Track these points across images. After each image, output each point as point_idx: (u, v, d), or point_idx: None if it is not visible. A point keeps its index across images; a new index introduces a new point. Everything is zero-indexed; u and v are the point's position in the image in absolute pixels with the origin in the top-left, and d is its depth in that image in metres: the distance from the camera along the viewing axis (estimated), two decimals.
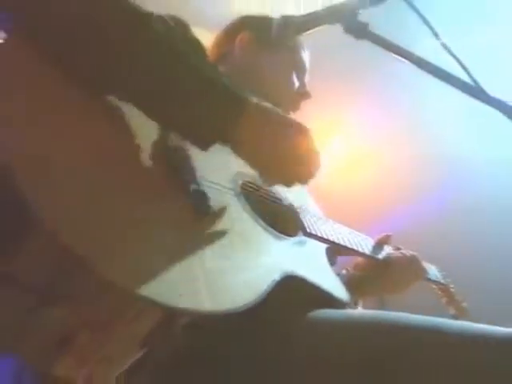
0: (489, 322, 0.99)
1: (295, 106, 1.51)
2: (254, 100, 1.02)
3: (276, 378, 0.97)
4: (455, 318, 1.63)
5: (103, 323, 0.83)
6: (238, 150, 1.02)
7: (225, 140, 1.00)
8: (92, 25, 0.92)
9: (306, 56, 1.55)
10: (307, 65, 1.56)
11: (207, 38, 1.47)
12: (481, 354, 0.91)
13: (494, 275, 2.38)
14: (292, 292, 1.06)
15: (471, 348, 0.92)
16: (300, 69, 1.53)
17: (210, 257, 0.95)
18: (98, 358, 0.85)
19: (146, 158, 0.98)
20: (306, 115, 1.53)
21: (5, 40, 0.91)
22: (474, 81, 1.03)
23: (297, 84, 1.52)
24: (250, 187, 1.24)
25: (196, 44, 1.28)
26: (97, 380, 0.86)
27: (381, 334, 0.98)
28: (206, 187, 1.05)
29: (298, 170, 1.07)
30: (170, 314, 0.84)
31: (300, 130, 1.07)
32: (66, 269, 0.79)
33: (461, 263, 1.81)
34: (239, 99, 0.99)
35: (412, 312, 1.03)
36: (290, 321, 1.05)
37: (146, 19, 0.96)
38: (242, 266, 1.01)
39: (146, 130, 1.00)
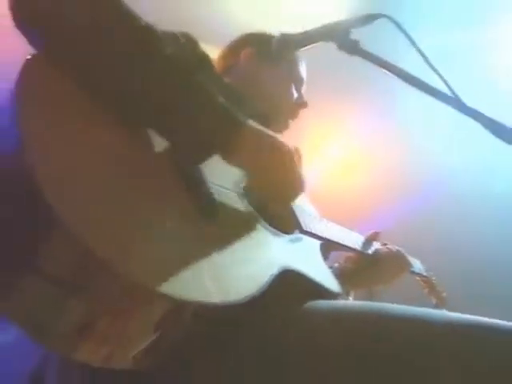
0: (467, 311, 0.97)
1: (294, 115, 1.51)
2: (250, 122, 1.03)
3: (273, 361, 0.97)
4: (437, 306, 1.65)
5: (121, 311, 0.83)
6: (233, 163, 1.03)
7: (221, 155, 1.01)
8: (111, 47, 0.93)
9: (303, 69, 1.55)
10: (304, 77, 1.56)
11: (214, 52, 1.48)
12: (459, 341, 0.89)
13: (470, 268, 2.40)
14: (289, 284, 1.07)
15: (451, 335, 0.90)
16: (298, 81, 1.53)
17: (216, 254, 0.95)
18: (117, 340, 0.86)
19: (159, 164, 0.98)
20: (304, 123, 1.55)
21: (32, 56, 0.92)
22: (453, 92, 1.04)
23: (295, 94, 1.52)
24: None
25: (204, 57, 1.28)
26: (115, 360, 0.87)
27: (366, 324, 0.97)
28: (213, 189, 1.06)
29: (283, 190, 1.09)
30: (181, 304, 0.85)
31: (288, 153, 1.07)
32: (86, 265, 0.79)
33: (441, 257, 1.82)
34: (236, 121, 1.00)
35: (398, 302, 1.02)
36: (287, 310, 1.05)
37: (156, 41, 0.97)
38: (245, 261, 1.01)
39: (158, 138, 1.01)
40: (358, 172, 2.81)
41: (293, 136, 1.48)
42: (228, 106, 1.00)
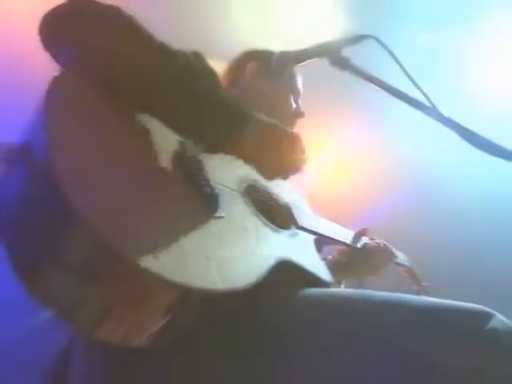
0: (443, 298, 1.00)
1: (292, 123, 1.52)
2: (259, 115, 1.07)
3: (273, 338, 0.99)
4: (418, 293, 1.65)
5: (133, 298, 0.84)
6: (244, 152, 1.07)
7: (233, 144, 1.05)
8: (135, 62, 0.96)
9: (299, 82, 1.56)
10: (301, 89, 1.56)
11: (219, 67, 1.49)
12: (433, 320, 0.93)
13: (448, 260, 2.42)
14: (286, 273, 1.07)
15: (426, 315, 0.94)
16: (295, 93, 1.53)
17: (221, 246, 0.97)
18: (130, 324, 0.87)
19: (168, 166, 0.99)
20: (301, 131, 1.55)
21: (61, 72, 0.94)
22: (432, 104, 1.04)
23: (293, 105, 1.52)
24: (253, 189, 1.24)
25: (211, 72, 1.29)
26: (131, 340, 0.88)
27: (351, 310, 0.99)
28: (217, 189, 1.06)
29: (290, 163, 1.12)
30: (189, 291, 0.86)
31: (293, 136, 1.12)
32: (103, 257, 0.80)
33: (422, 251, 1.83)
34: (247, 114, 1.06)
35: (385, 290, 1.04)
36: (283, 297, 1.06)
37: (173, 55, 1.00)
38: (246, 254, 1.02)
39: (168, 143, 1.02)
40: (349, 175, 2.82)
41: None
42: (240, 103, 1.05)
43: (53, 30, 0.94)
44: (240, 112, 1.05)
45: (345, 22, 2.30)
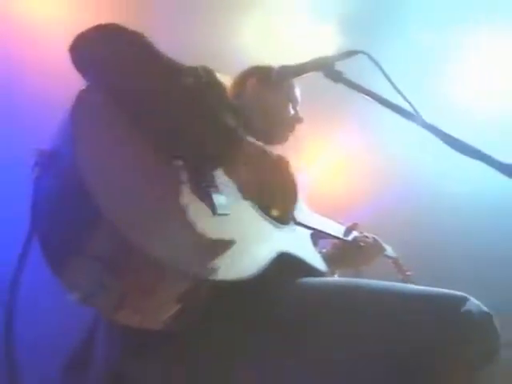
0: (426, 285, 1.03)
1: (291, 128, 1.53)
2: (249, 139, 1.09)
3: (275, 321, 1.00)
4: (403, 282, 1.65)
5: (148, 287, 0.86)
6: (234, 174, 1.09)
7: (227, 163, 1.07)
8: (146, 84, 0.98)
9: (297, 92, 1.56)
10: (299, 98, 1.56)
11: (227, 80, 1.49)
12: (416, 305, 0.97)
13: (431, 252, 2.43)
14: (286, 264, 1.09)
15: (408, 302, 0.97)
16: (294, 101, 1.54)
17: (229, 241, 0.98)
18: (145, 310, 0.88)
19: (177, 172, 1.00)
20: (301, 135, 1.56)
21: (87, 87, 0.95)
22: (416, 112, 1.04)
23: (292, 112, 1.53)
24: None
25: (219, 85, 1.30)
26: (147, 324, 0.89)
27: (342, 295, 1.02)
28: (224, 192, 1.06)
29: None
30: (199, 280, 0.87)
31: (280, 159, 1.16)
32: (121, 249, 0.82)
33: (407, 243, 1.84)
34: (239, 138, 1.06)
35: (376, 278, 1.07)
36: (283, 285, 1.07)
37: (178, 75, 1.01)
38: (250, 248, 1.03)
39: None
40: (343, 175, 2.82)
41: (291, 146, 1.50)
42: (232, 127, 1.04)
43: (80, 54, 0.96)
44: (235, 135, 1.05)
45: (340, 40, 2.31)
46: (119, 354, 1.00)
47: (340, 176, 2.83)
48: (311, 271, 1.18)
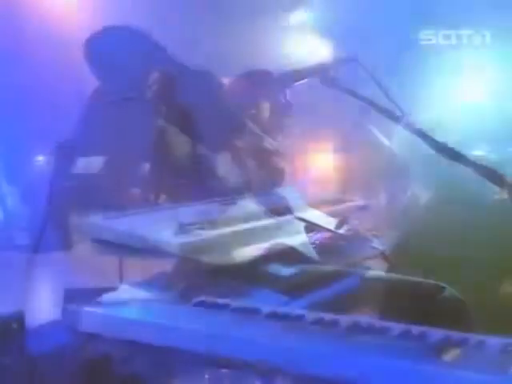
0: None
1: (286, 127, 1.58)
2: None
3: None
4: (388, 270, 1.70)
5: None
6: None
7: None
8: None
9: (291, 95, 1.60)
10: (292, 101, 1.60)
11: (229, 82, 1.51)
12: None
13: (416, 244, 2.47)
14: (282, 254, 1.16)
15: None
16: (288, 104, 1.58)
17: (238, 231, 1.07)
18: None
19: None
20: (299, 137, 1.60)
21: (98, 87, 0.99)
22: (404, 115, 1.08)
23: (287, 113, 1.57)
24: None
25: (220, 87, 1.34)
26: None
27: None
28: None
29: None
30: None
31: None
32: None
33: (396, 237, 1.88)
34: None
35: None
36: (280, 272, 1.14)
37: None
38: (250, 236, 1.11)
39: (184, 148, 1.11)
40: (340, 173, 2.86)
41: (292, 146, 1.54)
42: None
43: None
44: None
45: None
46: None
47: (334, 172, 2.86)
48: (305, 259, 1.24)
